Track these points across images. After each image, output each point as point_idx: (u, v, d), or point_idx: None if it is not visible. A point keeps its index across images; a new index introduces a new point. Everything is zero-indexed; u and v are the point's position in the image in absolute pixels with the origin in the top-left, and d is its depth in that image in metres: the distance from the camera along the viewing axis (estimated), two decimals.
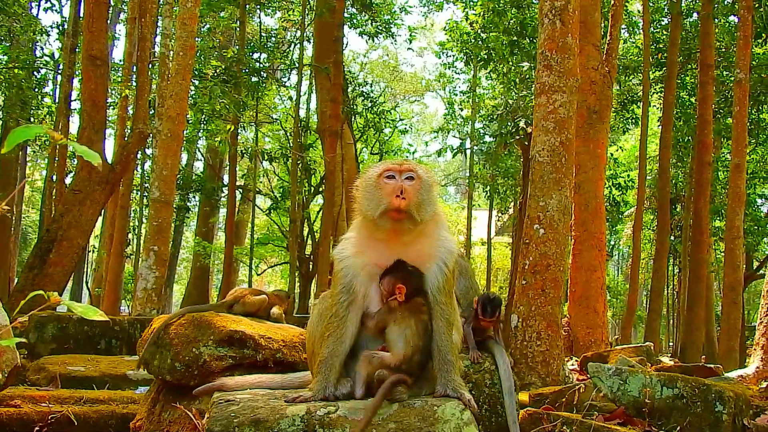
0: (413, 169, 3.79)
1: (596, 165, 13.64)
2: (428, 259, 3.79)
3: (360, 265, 3.81)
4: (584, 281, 13.42)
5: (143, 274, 12.49)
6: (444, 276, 3.76)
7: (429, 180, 3.83)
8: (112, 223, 21.96)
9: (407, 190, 3.69)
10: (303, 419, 3.37)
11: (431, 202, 3.81)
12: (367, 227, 3.85)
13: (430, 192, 3.82)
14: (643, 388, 5.31)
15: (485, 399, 4.67)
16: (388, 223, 3.71)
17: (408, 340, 3.62)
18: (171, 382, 4.62)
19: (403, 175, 3.75)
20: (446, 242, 3.87)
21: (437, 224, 3.90)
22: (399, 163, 3.83)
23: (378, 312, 3.76)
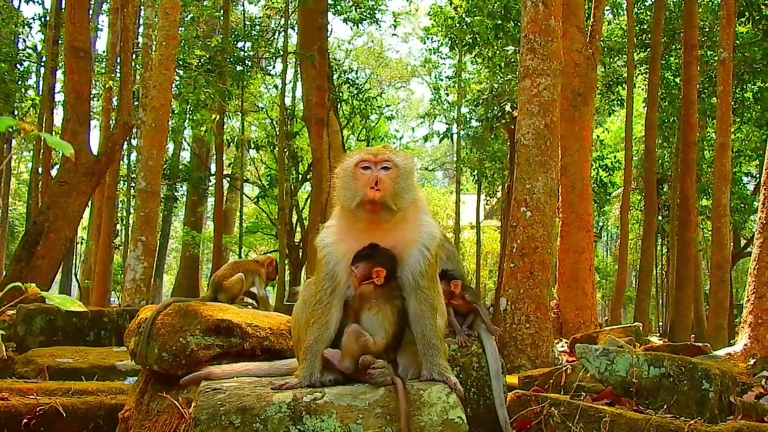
0: (389, 158, 3.77)
1: (582, 147, 13.66)
2: (409, 244, 3.78)
3: (342, 252, 3.81)
4: (572, 263, 13.46)
5: (131, 264, 12.45)
6: (426, 260, 3.75)
7: (406, 167, 3.82)
8: (99, 215, 21.89)
9: (383, 181, 3.68)
10: (289, 406, 3.38)
11: (409, 189, 3.80)
12: (346, 216, 3.85)
13: (408, 179, 3.80)
14: (630, 368, 5.33)
15: (473, 382, 4.67)
16: (364, 214, 3.72)
17: (386, 329, 3.64)
18: (158, 372, 4.62)
19: (379, 165, 3.74)
20: (427, 227, 3.85)
21: (418, 209, 3.89)
22: (374, 153, 3.81)
23: (353, 298, 3.77)
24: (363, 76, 33.63)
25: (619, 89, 24.62)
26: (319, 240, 3.91)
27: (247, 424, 3.34)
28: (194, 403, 3.52)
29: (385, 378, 3.50)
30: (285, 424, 3.35)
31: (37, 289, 2.35)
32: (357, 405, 3.41)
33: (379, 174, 3.70)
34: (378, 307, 3.66)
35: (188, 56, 21.35)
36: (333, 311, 3.74)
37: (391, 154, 3.80)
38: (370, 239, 3.76)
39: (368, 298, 3.69)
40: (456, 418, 3.44)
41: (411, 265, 3.75)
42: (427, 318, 3.68)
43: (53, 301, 2.35)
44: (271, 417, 3.35)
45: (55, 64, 20.70)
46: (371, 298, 3.68)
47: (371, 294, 3.69)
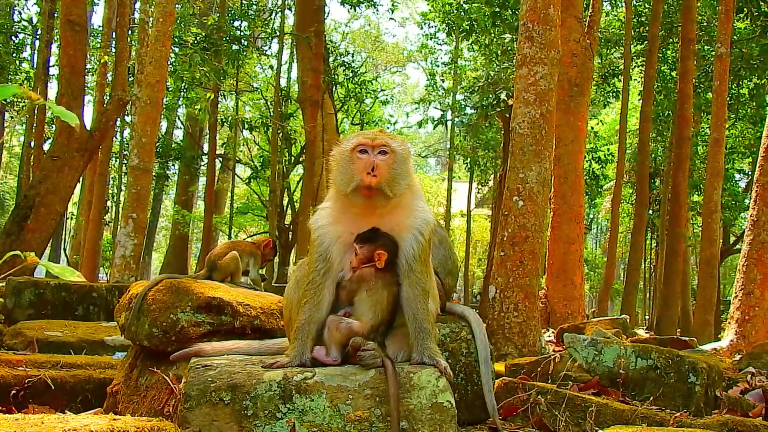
0: (386, 143, 3.75)
1: (576, 138, 13.69)
2: (404, 229, 3.78)
3: (336, 233, 3.81)
4: (562, 254, 13.51)
5: (121, 241, 12.43)
6: (420, 245, 3.76)
7: (404, 152, 3.81)
8: (90, 190, 21.84)
9: (379, 166, 3.67)
10: (280, 384, 3.39)
11: (406, 175, 3.79)
12: (341, 199, 3.84)
13: (404, 165, 3.79)
14: (617, 358, 5.37)
15: (461, 368, 4.69)
16: (360, 199, 3.71)
17: (377, 313, 3.65)
18: (148, 347, 4.61)
19: (376, 150, 3.72)
20: (422, 212, 3.86)
21: (413, 195, 3.89)
22: (372, 137, 3.78)
23: (349, 280, 3.77)
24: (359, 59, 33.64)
25: (615, 81, 24.64)
26: (313, 221, 3.91)
27: (237, 402, 3.36)
28: (184, 379, 3.52)
29: (375, 360, 3.50)
30: (275, 402, 3.37)
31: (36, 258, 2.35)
32: (347, 386, 3.42)
33: (376, 159, 3.69)
34: (374, 290, 3.67)
35: (184, 34, 21.25)
36: (325, 292, 3.75)
37: (389, 139, 3.79)
38: (365, 223, 3.76)
39: (366, 281, 3.70)
40: (445, 402, 3.46)
41: (405, 249, 3.75)
42: (419, 302, 3.69)
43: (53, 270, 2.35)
44: (261, 395, 3.37)
45: (50, 38, 20.57)
46: (369, 280, 3.70)
47: (370, 277, 3.70)
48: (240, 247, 6.19)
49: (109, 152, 21.88)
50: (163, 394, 4.34)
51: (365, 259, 3.71)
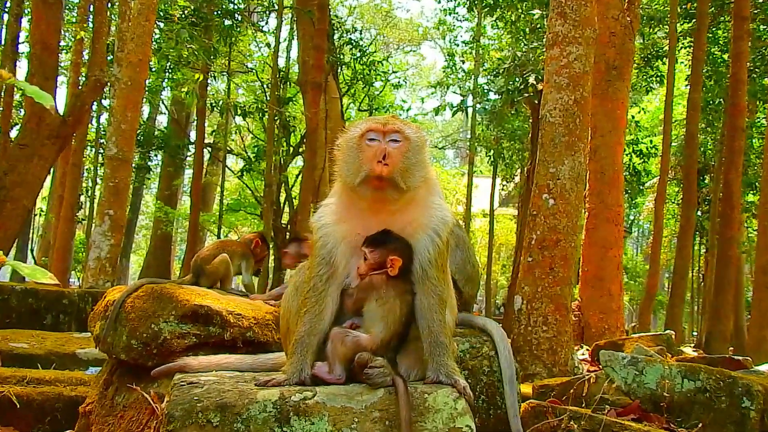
0: (399, 129, 3.76)
1: (615, 128, 13.64)
2: (418, 229, 3.78)
3: (341, 234, 3.81)
4: (598, 260, 13.47)
5: (96, 241, 12.46)
6: (436, 248, 3.76)
7: (418, 141, 3.81)
8: (62, 183, 21.90)
9: (391, 154, 3.67)
10: (276, 405, 3.39)
11: (421, 166, 3.79)
12: (347, 194, 3.85)
13: (419, 154, 3.79)
14: (661, 379, 5.34)
15: (483, 388, 4.69)
16: (368, 192, 3.71)
17: (389, 325, 3.64)
18: (126, 361, 4.63)
19: (388, 137, 3.73)
20: (439, 210, 3.85)
21: (429, 190, 3.89)
22: (383, 122, 3.79)
23: (356, 288, 3.76)
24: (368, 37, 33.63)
25: (658, 64, 24.54)
26: (316, 219, 3.90)
27: (226, 424, 3.35)
28: (167, 398, 3.53)
29: (384, 378, 3.50)
30: (270, 425, 3.36)
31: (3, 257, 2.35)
32: (352, 407, 3.42)
33: (388, 147, 3.69)
34: (385, 299, 3.66)
35: (170, 7, 21.28)
36: (328, 300, 3.75)
37: (402, 125, 3.79)
38: (374, 220, 3.76)
39: (376, 289, 3.69)
40: (464, 426, 3.44)
41: (420, 252, 3.75)
42: (435, 312, 3.69)
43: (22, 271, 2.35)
44: (255, 417, 3.36)
45: (20, 11, 20.56)
46: (379, 289, 3.68)
47: (380, 285, 3.69)
48: (230, 248, 6.19)
49: (84, 140, 21.95)
50: (143, 415, 4.36)
51: (376, 264, 3.70)
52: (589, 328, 13.18)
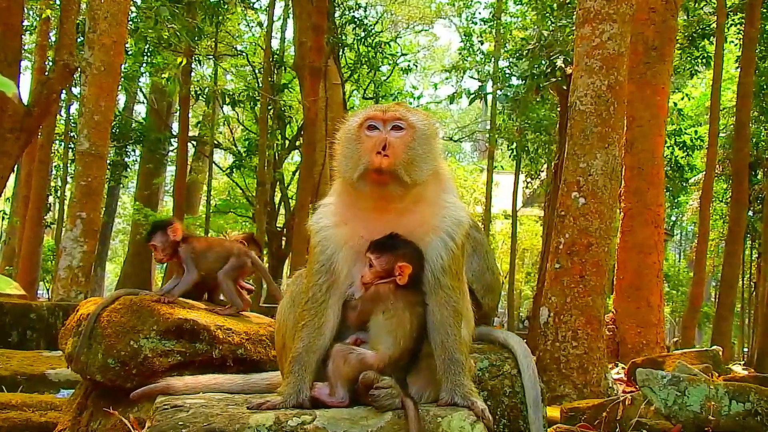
0: (402, 116, 3.78)
1: (654, 117, 13.65)
2: (429, 232, 3.80)
3: (342, 238, 3.84)
4: (635, 267, 13.48)
5: (67, 247, 12.52)
6: (450, 253, 3.78)
7: (426, 129, 3.83)
8: (27, 183, 21.97)
9: (393, 145, 3.69)
10: (270, 430, 3.40)
11: (430, 158, 3.81)
12: (348, 192, 3.88)
13: (427, 145, 3.81)
14: (706, 401, 5.36)
15: (504, 411, 4.71)
16: (368, 188, 3.73)
17: (398, 341, 3.65)
18: (102, 383, 4.66)
19: (389, 125, 3.75)
20: (453, 209, 3.87)
21: (441, 186, 3.92)
22: (383, 109, 3.81)
23: (360, 299, 3.79)
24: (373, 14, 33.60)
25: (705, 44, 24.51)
26: (314, 221, 3.93)
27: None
28: (149, 423, 3.55)
29: (392, 400, 3.51)
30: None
31: None
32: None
33: (389, 136, 3.71)
34: (393, 311, 3.68)
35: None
36: (329, 313, 3.78)
37: (406, 112, 3.81)
38: (378, 222, 3.78)
39: (382, 300, 3.71)
40: None
41: (431, 258, 3.77)
42: (450, 326, 3.71)
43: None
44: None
45: None
46: (386, 300, 3.71)
47: (387, 295, 3.71)
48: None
49: (51, 133, 22.00)
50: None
51: (383, 272, 3.72)
52: (624, 343, 13.18)
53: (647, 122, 13.52)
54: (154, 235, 5.32)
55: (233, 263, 5.41)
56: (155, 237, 5.31)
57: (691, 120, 29.06)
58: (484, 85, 27.53)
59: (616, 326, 13.25)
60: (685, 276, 38.45)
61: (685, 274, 39.92)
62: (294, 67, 24.04)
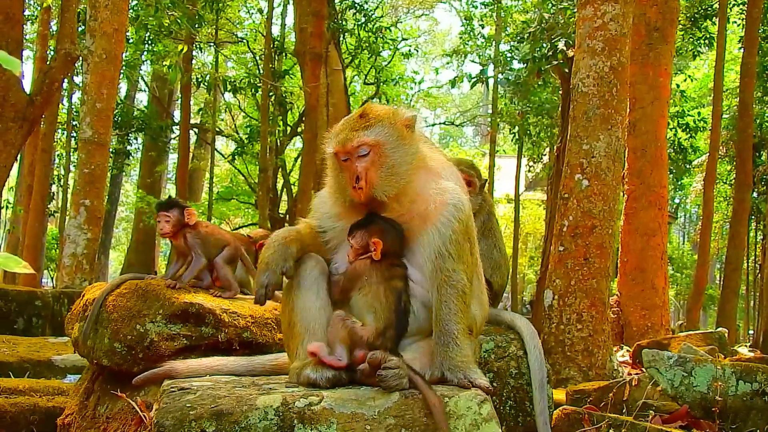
0: (361, 142, 3.82)
1: (657, 98, 13.62)
2: (425, 220, 3.85)
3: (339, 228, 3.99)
4: (639, 249, 13.46)
5: (72, 235, 12.53)
6: (446, 238, 3.81)
7: (390, 136, 3.87)
8: (30, 171, 21.97)
9: (363, 175, 3.77)
10: (278, 412, 3.42)
11: (406, 160, 3.86)
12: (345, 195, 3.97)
13: (398, 150, 3.86)
14: (713, 382, 5.36)
15: (510, 393, 4.72)
16: (359, 207, 3.88)
17: (378, 314, 3.71)
18: (109, 367, 4.65)
19: (355, 154, 3.82)
20: (444, 194, 3.90)
21: (429, 174, 3.96)
22: (343, 141, 3.86)
23: (343, 274, 3.89)
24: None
25: (707, 24, 24.43)
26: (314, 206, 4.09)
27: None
28: (156, 406, 3.55)
29: (400, 381, 3.52)
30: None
31: None
32: (363, 413, 3.45)
33: (358, 166, 3.79)
34: (369, 288, 3.76)
35: None
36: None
37: (363, 135, 3.84)
38: None
39: (359, 277, 3.80)
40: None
41: (425, 245, 3.83)
42: (452, 304, 3.74)
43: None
44: (254, 425, 3.39)
45: None
46: (363, 276, 3.79)
47: (364, 271, 3.80)
48: None
49: (54, 122, 22.01)
50: (129, 426, 4.39)
51: (360, 249, 3.84)
52: (629, 326, 13.18)
53: (650, 104, 13.49)
54: (171, 209, 5.29)
55: (229, 250, 5.45)
56: (172, 210, 5.28)
57: (694, 101, 29.01)
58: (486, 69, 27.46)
59: (621, 309, 13.25)
60: (690, 258, 38.45)
61: (689, 256, 39.92)
62: (295, 53, 23.98)
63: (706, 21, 24.12)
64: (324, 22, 20.35)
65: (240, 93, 27.18)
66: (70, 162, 24.86)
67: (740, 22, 24.47)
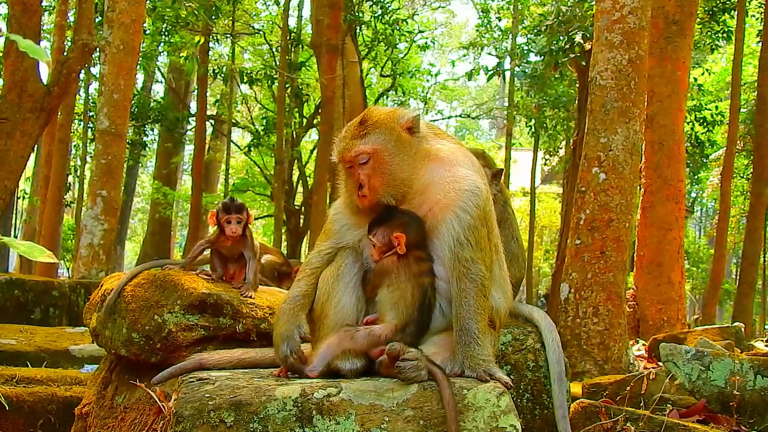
0: (360, 151, 3.84)
1: (675, 92, 13.57)
2: (442, 209, 3.83)
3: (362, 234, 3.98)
4: (656, 243, 13.43)
5: (88, 226, 12.57)
6: (464, 225, 3.79)
7: (389, 141, 3.87)
8: (47, 162, 22.00)
9: (366, 183, 3.79)
10: (296, 403, 3.42)
11: (407, 163, 3.86)
12: None
13: (398, 153, 3.86)
14: (730, 376, 5.34)
15: (527, 386, 4.71)
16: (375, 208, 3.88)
17: (400, 311, 3.71)
18: (127, 357, 4.65)
19: (356, 162, 3.85)
20: (458, 182, 3.88)
21: (439, 165, 3.94)
22: (342, 151, 3.91)
23: (372, 272, 3.88)
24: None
25: (726, 18, 24.32)
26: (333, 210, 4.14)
27: (241, 424, 3.38)
28: (175, 396, 3.55)
29: (418, 372, 3.52)
30: (290, 425, 3.39)
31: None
32: (382, 405, 3.45)
33: (361, 174, 3.82)
34: (396, 285, 3.75)
35: None
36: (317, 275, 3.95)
37: (361, 143, 3.86)
38: None
39: (387, 274, 3.79)
40: (508, 426, 3.47)
41: (444, 235, 3.80)
42: (471, 298, 3.72)
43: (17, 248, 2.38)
44: (273, 416, 3.40)
45: None
46: (391, 274, 3.78)
47: (392, 269, 3.79)
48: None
49: (71, 113, 22.01)
50: (147, 416, 4.39)
51: (383, 247, 3.82)
52: (645, 320, 13.15)
53: (668, 97, 13.45)
54: (242, 211, 5.25)
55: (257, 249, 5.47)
56: (243, 213, 5.25)
57: (711, 95, 28.87)
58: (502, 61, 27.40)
59: (637, 303, 13.23)
60: (706, 253, 38.29)
61: (705, 251, 39.75)
62: (311, 45, 23.96)
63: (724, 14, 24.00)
64: (341, 13, 20.35)
65: (256, 84, 27.19)
66: (87, 153, 24.93)
67: (759, 16, 24.38)
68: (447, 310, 3.83)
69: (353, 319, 3.80)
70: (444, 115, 42.57)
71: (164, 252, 32.01)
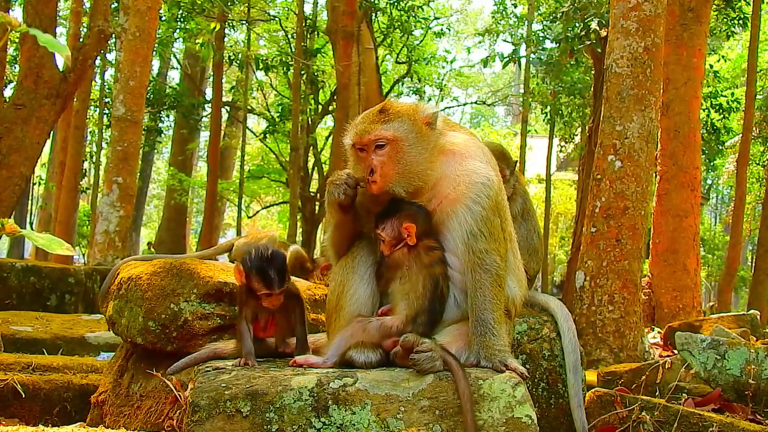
0: (379, 135, 3.80)
1: (691, 79, 13.51)
2: (454, 202, 3.82)
3: None
4: (672, 230, 13.39)
5: (104, 212, 12.61)
6: (477, 217, 3.78)
7: (409, 131, 3.84)
8: (63, 148, 22.08)
9: (378, 168, 3.74)
10: (312, 392, 3.43)
11: (424, 154, 3.83)
12: None
13: (417, 145, 3.83)
14: (746, 365, 5.32)
15: (542, 375, 4.70)
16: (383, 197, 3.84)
17: (411, 302, 3.71)
18: (143, 345, 4.65)
19: (372, 146, 3.80)
20: (470, 174, 3.87)
21: (452, 158, 3.92)
22: (360, 133, 3.85)
23: (384, 266, 3.88)
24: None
25: (741, 4, 24.19)
26: None
27: (257, 413, 3.39)
28: (191, 385, 3.56)
29: (433, 363, 3.52)
30: (306, 414, 3.40)
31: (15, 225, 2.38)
32: (398, 395, 3.45)
33: (374, 159, 3.77)
34: (408, 277, 3.75)
35: None
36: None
37: (382, 128, 3.82)
38: None
39: (399, 267, 3.79)
40: (524, 417, 3.46)
41: (455, 227, 3.80)
42: (486, 290, 3.71)
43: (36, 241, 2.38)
44: (289, 405, 3.40)
45: None
46: (403, 265, 3.78)
47: (403, 261, 3.79)
48: None
49: (87, 99, 22.07)
50: (163, 405, 4.39)
51: (393, 240, 3.80)
52: (660, 307, 13.12)
53: (683, 84, 13.40)
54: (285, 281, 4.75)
55: None
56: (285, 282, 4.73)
57: (727, 82, 28.74)
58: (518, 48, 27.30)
59: (652, 290, 13.20)
60: (721, 240, 38.19)
61: (721, 238, 39.65)
62: (327, 31, 23.92)
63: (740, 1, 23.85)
64: (356, 0, 20.30)
65: (272, 71, 27.20)
66: (103, 139, 25.00)
67: None
68: (461, 301, 3.83)
69: (368, 311, 3.82)
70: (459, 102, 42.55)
71: (179, 238, 32.07)
